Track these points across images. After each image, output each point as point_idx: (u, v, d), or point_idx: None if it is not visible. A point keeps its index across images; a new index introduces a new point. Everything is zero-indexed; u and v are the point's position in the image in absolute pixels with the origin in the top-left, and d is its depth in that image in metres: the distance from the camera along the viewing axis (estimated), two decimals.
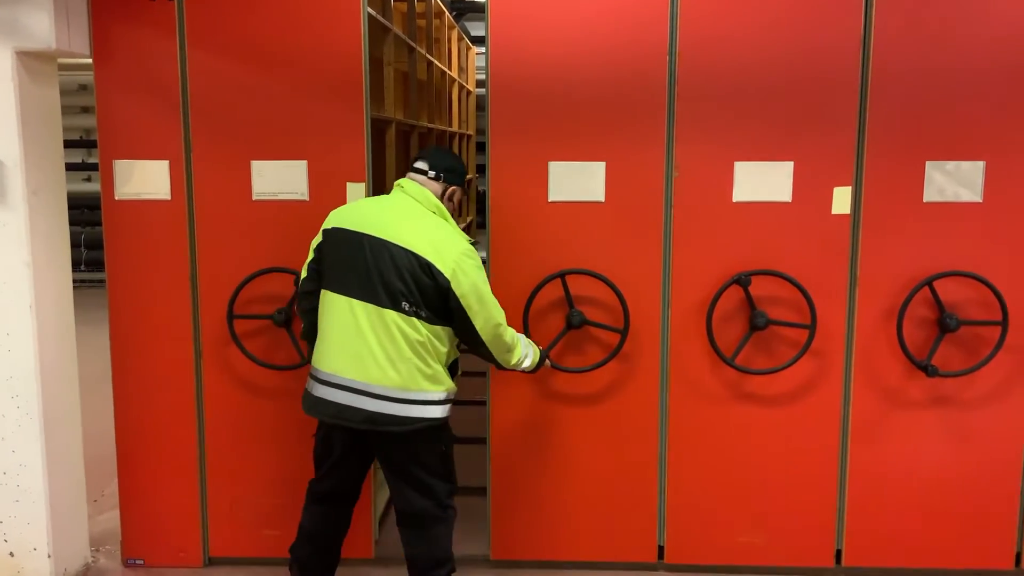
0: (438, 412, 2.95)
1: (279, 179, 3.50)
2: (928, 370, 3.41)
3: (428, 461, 3.01)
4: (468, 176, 10.00)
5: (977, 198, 3.41)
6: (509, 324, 3.05)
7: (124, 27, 3.46)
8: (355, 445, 3.05)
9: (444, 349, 2.96)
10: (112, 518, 3.99)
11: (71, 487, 3.67)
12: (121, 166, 3.52)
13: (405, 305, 2.85)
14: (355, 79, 3.44)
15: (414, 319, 2.86)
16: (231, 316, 3.51)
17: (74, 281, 3.74)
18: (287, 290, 3.51)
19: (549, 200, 3.48)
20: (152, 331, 3.60)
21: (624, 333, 3.47)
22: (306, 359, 3.46)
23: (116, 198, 3.54)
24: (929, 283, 3.40)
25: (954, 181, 3.40)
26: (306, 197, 3.51)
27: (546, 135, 3.46)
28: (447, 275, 2.84)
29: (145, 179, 3.52)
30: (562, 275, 3.47)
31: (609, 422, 3.60)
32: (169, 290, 3.58)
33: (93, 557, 3.83)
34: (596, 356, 3.54)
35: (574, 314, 3.47)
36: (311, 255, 3.07)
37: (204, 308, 3.58)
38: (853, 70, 3.37)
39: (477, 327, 2.90)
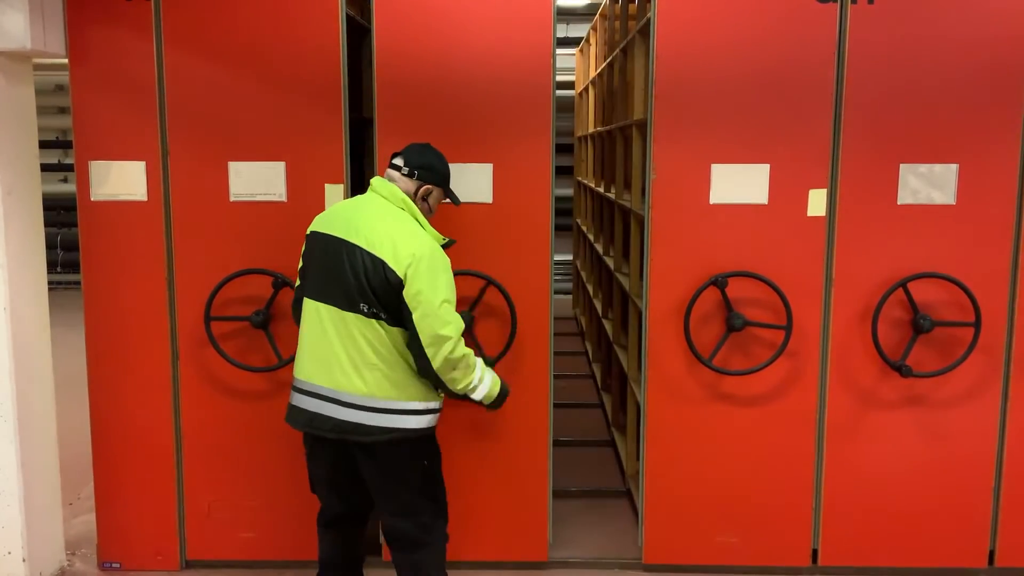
0: (413, 423, 2.83)
1: (257, 180, 3.49)
2: (902, 370, 3.44)
3: (407, 477, 2.89)
4: None
5: (950, 200, 3.45)
6: None
7: (100, 27, 3.44)
8: (338, 460, 2.94)
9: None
10: (88, 521, 3.96)
11: (46, 490, 3.64)
12: (97, 167, 3.50)
13: (363, 307, 2.76)
14: (333, 80, 3.44)
15: (374, 322, 2.77)
16: (208, 318, 3.50)
17: (50, 283, 3.72)
18: (265, 292, 3.50)
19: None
20: (128, 333, 3.58)
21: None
22: (284, 361, 3.47)
23: (92, 199, 3.52)
24: (903, 284, 3.44)
25: (927, 183, 3.44)
26: (284, 198, 3.50)
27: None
28: (399, 273, 2.72)
29: (121, 180, 3.50)
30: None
31: None
32: (146, 291, 3.56)
33: (68, 560, 3.80)
34: None
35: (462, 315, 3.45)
36: (301, 262, 3.02)
37: (181, 310, 3.56)
38: (828, 74, 3.41)
39: (420, 333, 2.73)
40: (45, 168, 8.38)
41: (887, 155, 3.44)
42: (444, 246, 2.92)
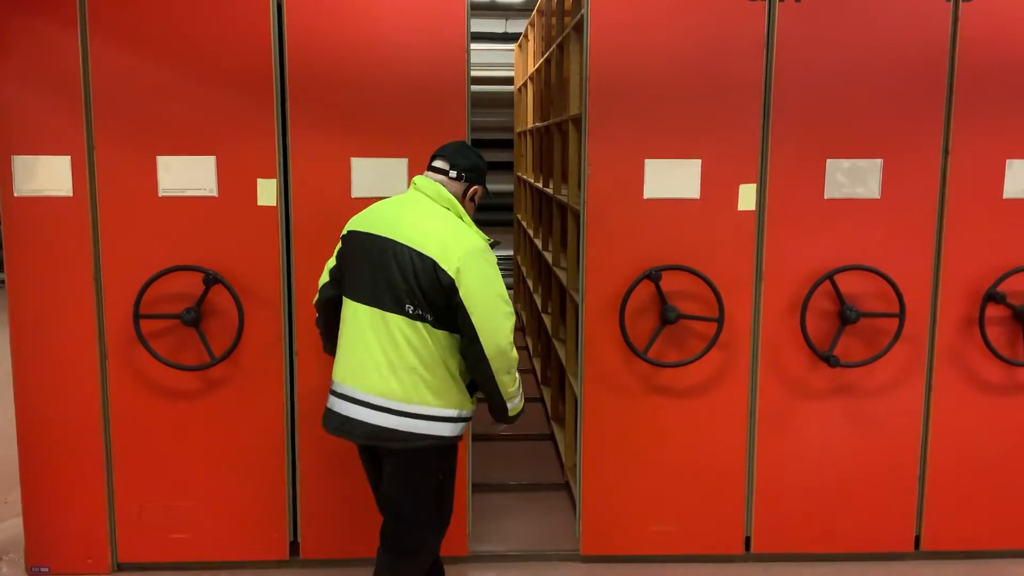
0: (446, 431, 2.76)
1: (186, 175, 3.43)
2: (830, 361, 3.53)
3: (421, 486, 2.84)
4: None
5: (875, 195, 3.54)
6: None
7: (22, 18, 3.34)
8: (377, 466, 2.91)
9: (455, 360, 2.78)
10: (15, 525, 3.86)
11: None
12: (20, 162, 3.40)
13: (409, 308, 2.68)
14: (265, 72, 3.39)
15: (419, 323, 2.69)
16: (137, 316, 3.43)
17: None
18: (195, 289, 3.44)
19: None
20: (55, 332, 3.49)
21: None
22: (217, 360, 3.43)
23: (15, 195, 3.42)
24: (830, 277, 3.52)
25: (853, 178, 3.53)
26: (215, 193, 3.45)
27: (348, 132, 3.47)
28: (451, 273, 2.65)
29: (46, 175, 3.41)
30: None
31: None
32: (72, 289, 3.47)
33: None
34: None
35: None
36: (333, 260, 2.96)
37: (109, 308, 3.49)
38: (757, 71, 3.47)
39: (480, 333, 2.67)
40: None
41: (814, 150, 3.52)
42: (491, 246, 2.86)
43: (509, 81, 10.04)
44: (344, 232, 2.94)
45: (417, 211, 2.82)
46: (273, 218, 3.47)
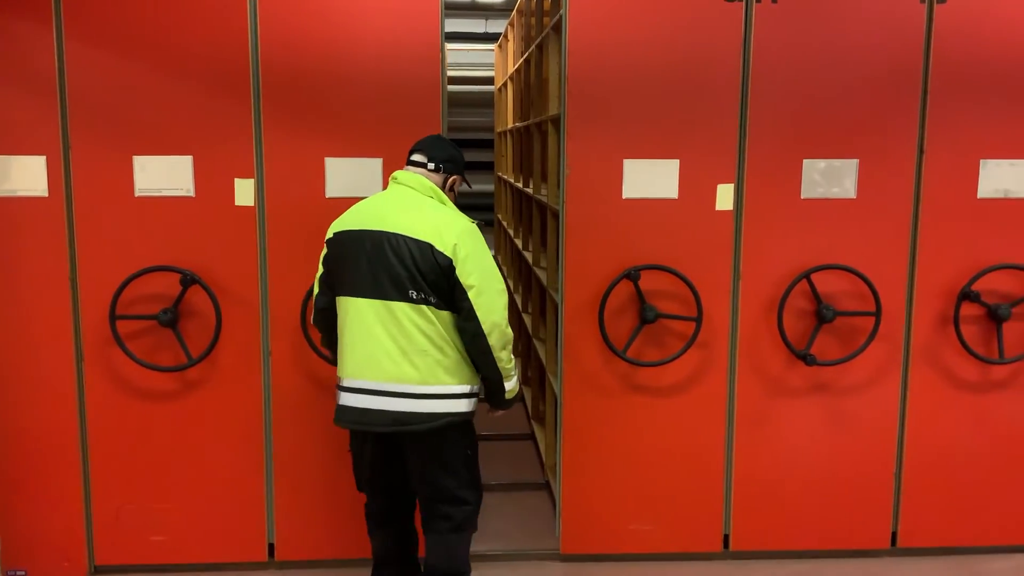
0: (463, 406, 2.87)
1: (163, 175, 3.41)
2: (807, 359, 3.55)
3: (455, 465, 2.93)
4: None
5: (851, 194, 3.57)
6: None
7: None
8: (388, 455, 2.98)
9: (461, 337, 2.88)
10: None
11: None
12: None
13: (413, 293, 2.77)
14: (242, 71, 3.38)
15: (424, 307, 2.78)
16: (113, 316, 3.41)
17: None
18: (172, 289, 3.42)
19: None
20: (30, 333, 3.46)
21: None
22: (194, 360, 3.41)
23: None
24: (807, 276, 3.55)
25: (829, 178, 3.55)
26: (192, 193, 3.43)
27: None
28: (448, 254, 2.76)
29: (21, 175, 3.38)
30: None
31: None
32: (48, 290, 3.44)
33: None
34: None
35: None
36: (320, 269, 3.00)
37: (85, 309, 3.46)
38: (734, 72, 3.49)
39: (477, 310, 2.77)
40: None
41: (791, 150, 3.54)
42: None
43: (489, 81, 10.04)
44: (329, 236, 2.96)
45: (403, 202, 2.90)
46: (250, 218, 3.45)
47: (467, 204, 3.11)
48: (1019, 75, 3.56)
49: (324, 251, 2.99)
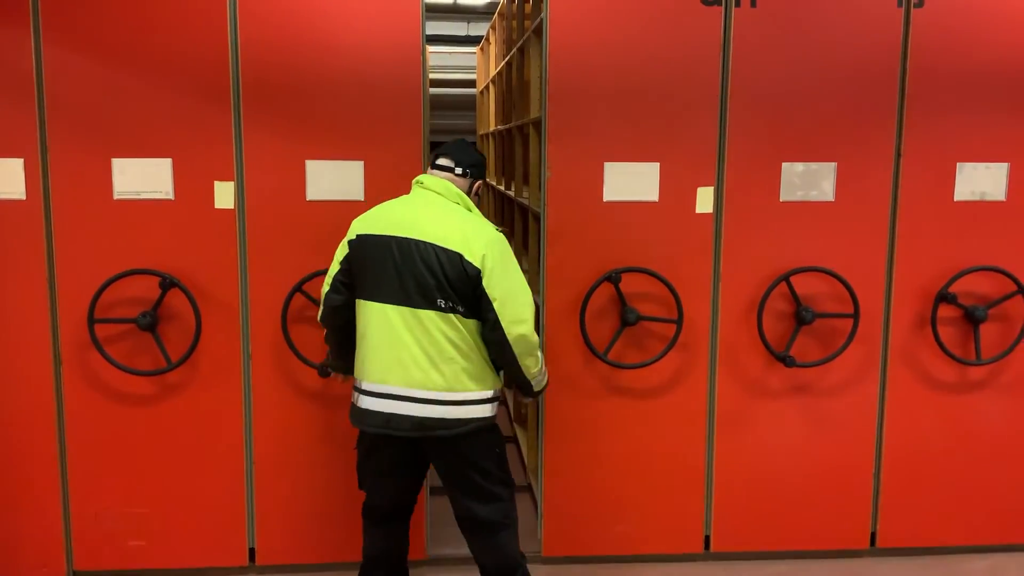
0: (487, 411, 2.91)
1: (142, 177, 3.39)
2: (787, 361, 3.58)
3: (486, 465, 2.96)
4: None
5: (830, 197, 3.60)
6: None
7: None
8: (405, 456, 2.99)
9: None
10: None
11: None
12: None
13: (441, 302, 2.79)
14: (222, 72, 3.37)
15: (451, 316, 2.80)
16: (92, 320, 3.38)
17: None
18: (152, 293, 3.40)
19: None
20: (7, 337, 3.43)
21: None
22: (173, 364, 3.39)
23: None
24: (786, 278, 3.57)
25: (808, 181, 3.58)
26: (171, 196, 3.41)
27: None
28: (477, 264, 2.77)
29: None
30: None
31: None
32: (25, 294, 3.41)
33: None
34: None
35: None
36: (335, 267, 2.99)
37: (63, 312, 3.43)
38: (714, 76, 3.51)
39: (501, 320, 2.79)
40: None
41: (770, 154, 3.56)
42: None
43: (472, 84, 10.05)
44: (351, 237, 2.95)
45: (432, 209, 2.90)
46: (230, 221, 3.44)
47: None
48: (995, 78, 3.60)
49: (344, 251, 2.97)
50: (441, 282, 2.78)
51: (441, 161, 3.01)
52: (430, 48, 9.64)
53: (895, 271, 3.67)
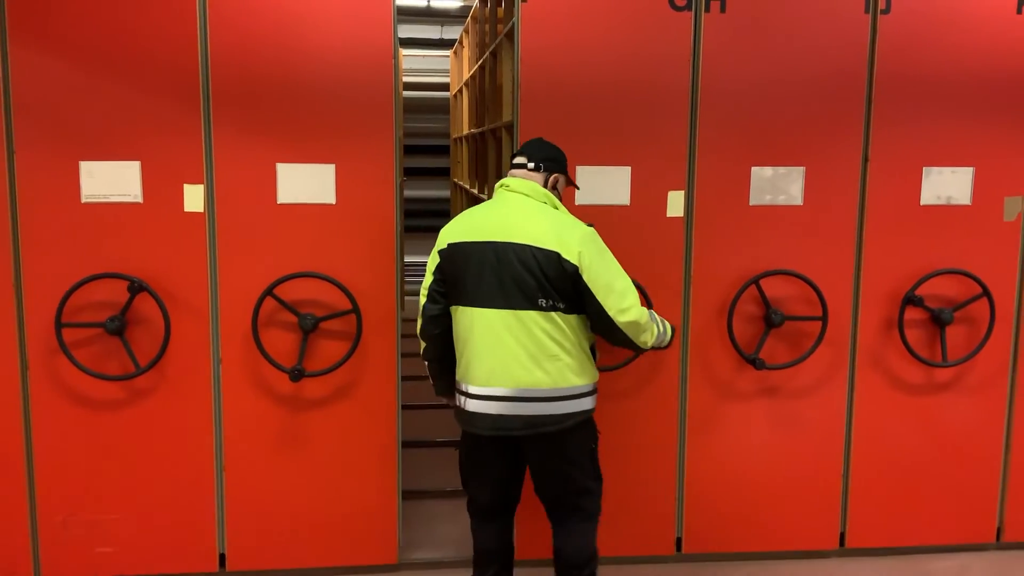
0: (588, 404, 2.96)
1: (110, 180, 3.36)
2: (756, 363, 3.60)
3: (581, 460, 3.03)
4: None
5: (798, 201, 3.63)
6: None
7: None
8: (508, 454, 3.06)
9: (588, 338, 2.97)
10: None
11: None
12: None
13: (542, 302, 2.84)
14: (191, 74, 3.34)
15: (553, 314, 2.86)
16: (59, 324, 3.35)
17: None
18: (120, 297, 3.37)
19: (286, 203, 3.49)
20: None
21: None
22: (142, 369, 3.36)
23: None
24: (756, 281, 3.60)
25: (777, 185, 3.61)
26: (140, 199, 3.38)
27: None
28: (574, 261, 2.83)
29: None
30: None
31: None
32: None
33: None
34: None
35: (306, 319, 3.46)
36: (430, 278, 3.01)
37: (30, 316, 3.39)
38: (684, 80, 3.53)
39: (608, 311, 2.85)
40: None
41: (739, 158, 3.59)
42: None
43: (445, 87, 10.04)
44: (441, 247, 2.99)
45: (521, 211, 2.95)
46: (200, 224, 3.42)
47: (424, 211, 3.11)
48: (961, 84, 3.65)
49: (435, 260, 3.01)
50: (541, 282, 2.84)
51: (516, 160, 3.09)
52: (404, 51, 9.63)
53: (863, 274, 3.71)
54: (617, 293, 2.88)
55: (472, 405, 2.96)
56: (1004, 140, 3.72)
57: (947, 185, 3.71)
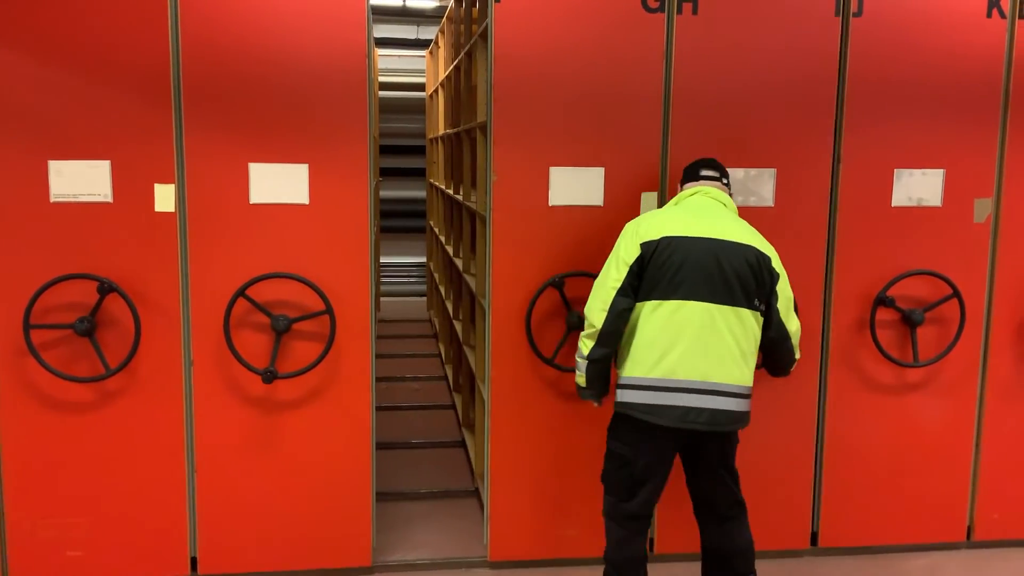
0: (748, 405, 3.04)
1: (80, 180, 3.32)
2: None
3: (733, 454, 3.15)
4: None
5: (769, 203, 3.66)
6: None
7: None
8: (671, 453, 3.09)
9: None
10: None
11: None
12: None
13: (756, 302, 2.97)
14: (162, 73, 3.31)
15: (758, 314, 2.99)
16: (27, 325, 3.30)
17: None
18: (90, 297, 3.33)
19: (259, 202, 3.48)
20: None
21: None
22: (112, 371, 3.32)
23: None
24: None
25: (748, 187, 3.63)
26: (110, 199, 3.35)
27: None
28: (778, 269, 3.00)
29: None
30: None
31: None
32: None
33: None
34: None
35: (279, 320, 3.44)
36: (625, 271, 2.98)
37: None
38: (657, 81, 3.55)
39: (786, 321, 3.02)
40: None
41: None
42: None
43: (421, 87, 10.03)
44: (648, 239, 2.97)
45: (725, 216, 3.08)
46: (171, 225, 3.39)
47: (400, 211, 3.10)
48: (932, 86, 3.69)
49: (635, 253, 2.98)
50: (760, 283, 2.96)
51: (707, 172, 3.20)
52: (380, 51, 9.60)
53: (834, 275, 3.74)
54: (789, 304, 3.05)
55: (660, 397, 2.94)
56: (974, 143, 3.76)
57: (918, 187, 3.74)
